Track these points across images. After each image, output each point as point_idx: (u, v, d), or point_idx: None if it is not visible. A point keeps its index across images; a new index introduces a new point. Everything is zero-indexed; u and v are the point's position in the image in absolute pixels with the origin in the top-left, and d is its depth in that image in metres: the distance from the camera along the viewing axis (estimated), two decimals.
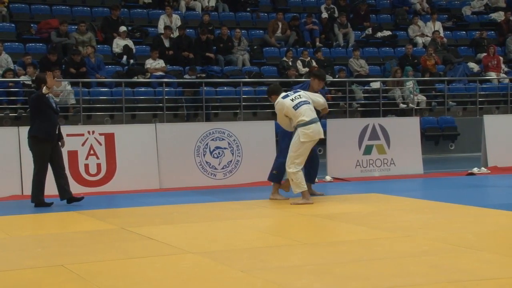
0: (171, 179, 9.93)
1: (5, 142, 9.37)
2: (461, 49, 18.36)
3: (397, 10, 19.15)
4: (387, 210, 7.60)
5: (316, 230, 6.74)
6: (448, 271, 4.73)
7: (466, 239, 5.82)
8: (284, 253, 5.42)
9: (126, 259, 5.34)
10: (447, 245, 5.58)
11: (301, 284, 4.46)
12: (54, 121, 8.10)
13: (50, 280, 4.71)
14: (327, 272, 4.81)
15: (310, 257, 5.29)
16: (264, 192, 8.93)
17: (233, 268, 4.94)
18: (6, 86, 13.25)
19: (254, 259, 5.19)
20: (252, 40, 17.09)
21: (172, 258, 5.34)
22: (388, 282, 4.47)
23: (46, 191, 8.25)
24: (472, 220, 6.88)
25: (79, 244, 6.03)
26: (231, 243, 5.92)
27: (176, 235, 6.34)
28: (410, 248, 5.51)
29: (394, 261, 5.07)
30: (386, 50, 17.86)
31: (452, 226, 6.54)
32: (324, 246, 5.72)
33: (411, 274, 4.70)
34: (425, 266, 4.90)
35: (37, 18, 15.87)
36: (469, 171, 11.23)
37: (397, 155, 11.10)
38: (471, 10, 20.04)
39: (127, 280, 4.70)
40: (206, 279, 4.67)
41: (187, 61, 15.44)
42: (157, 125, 10.55)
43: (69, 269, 4.94)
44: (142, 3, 17.34)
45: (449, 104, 16.23)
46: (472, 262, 5.01)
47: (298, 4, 18.98)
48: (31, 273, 4.91)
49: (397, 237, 5.99)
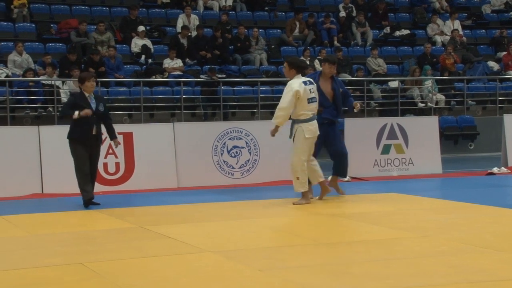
0: (189, 178, 9.95)
1: (26, 141, 9.44)
2: (481, 47, 18.21)
3: (416, 8, 19.02)
4: (406, 210, 7.56)
5: (334, 229, 6.72)
6: (467, 272, 4.69)
7: (485, 239, 5.77)
8: (302, 253, 5.42)
9: (144, 257, 5.37)
10: (466, 245, 5.54)
11: (319, 284, 4.45)
12: (89, 121, 7.83)
13: (69, 278, 4.75)
14: (345, 272, 4.80)
15: (328, 257, 5.28)
16: (281, 191, 8.93)
17: (250, 267, 4.94)
18: (26, 86, 13.36)
19: (272, 259, 5.18)
20: (269, 39, 17.08)
21: (189, 257, 5.36)
22: (407, 282, 4.45)
23: (68, 189, 8.27)
24: (492, 220, 6.82)
25: (98, 242, 6.07)
26: (248, 242, 5.92)
27: (194, 234, 6.36)
28: (428, 248, 5.48)
29: (412, 261, 5.05)
30: (404, 49, 17.75)
31: (471, 226, 6.49)
32: (342, 246, 5.70)
33: (429, 274, 4.68)
34: (444, 266, 4.87)
35: (57, 18, 16.00)
36: (488, 171, 11.14)
37: (415, 155, 11.04)
38: (491, 8, 19.85)
39: (145, 278, 4.72)
40: (223, 278, 4.68)
41: (204, 61, 15.48)
42: (175, 124, 10.58)
43: (88, 267, 4.98)
44: (160, 3, 17.40)
45: (469, 103, 16.10)
46: (491, 262, 4.97)
47: (316, 3, 18.94)
48: (51, 271, 4.95)
49: (416, 237, 5.96)
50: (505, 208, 7.48)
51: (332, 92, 8.39)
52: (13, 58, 13.90)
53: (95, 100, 7.99)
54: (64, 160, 8.66)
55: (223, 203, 8.34)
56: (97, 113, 7.92)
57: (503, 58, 17.18)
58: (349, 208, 7.81)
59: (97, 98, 8.07)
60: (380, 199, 8.29)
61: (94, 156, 8.00)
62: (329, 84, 8.39)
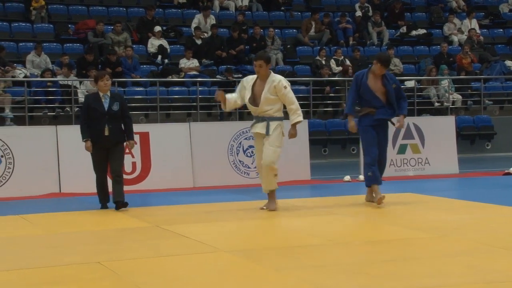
0: (205, 177, 9.97)
1: (44, 141, 9.52)
2: (498, 47, 18.07)
3: (432, 8, 18.92)
4: (422, 210, 7.52)
5: (350, 229, 6.70)
6: (484, 272, 4.66)
7: (502, 239, 5.73)
8: (318, 252, 5.41)
9: (160, 256, 5.39)
10: (482, 245, 5.50)
11: (334, 283, 4.44)
12: (100, 122, 7.68)
13: (87, 276, 4.78)
14: (361, 271, 4.78)
15: (344, 257, 5.27)
16: (296, 191, 8.93)
17: (266, 266, 4.94)
18: (44, 86, 13.47)
19: (288, 258, 5.19)
20: (285, 39, 17.08)
21: (205, 256, 5.37)
22: (423, 282, 4.43)
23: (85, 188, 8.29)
24: (508, 221, 6.77)
25: (115, 241, 6.10)
26: (264, 242, 5.93)
27: (210, 233, 6.37)
28: (445, 248, 5.45)
29: (429, 261, 5.02)
30: (421, 48, 17.66)
31: (488, 226, 6.45)
32: (358, 246, 5.69)
33: (446, 274, 4.65)
34: (461, 267, 4.84)
35: (75, 18, 16.10)
36: (506, 171, 11.06)
37: (432, 155, 10.99)
38: (508, 7, 19.71)
39: (161, 277, 4.74)
40: (239, 277, 4.69)
41: (220, 61, 15.51)
42: (191, 124, 10.61)
43: (105, 266, 5.00)
44: (176, 3, 17.46)
45: (486, 103, 15.99)
46: (508, 263, 4.93)
47: (332, 3, 18.90)
48: (69, 269, 4.99)
49: (432, 237, 5.93)
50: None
51: (384, 88, 7.67)
52: (32, 59, 14.02)
53: (110, 100, 7.78)
54: (81, 159, 8.72)
55: (238, 203, 8.35)
56: (110, 112, 7.72)
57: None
58: (365, 207, 7.78)
59: (113, 97, 7.86)
60: (396, 199, 8.25)
61: (113, 157, 7.78)
62: (379, 81, 7.69)
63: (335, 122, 14.69)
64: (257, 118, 7.50)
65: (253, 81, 7.52)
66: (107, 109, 7.73)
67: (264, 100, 7.37)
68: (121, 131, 7.87)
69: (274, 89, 7.34)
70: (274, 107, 7.40)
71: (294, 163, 10.31)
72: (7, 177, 9.27)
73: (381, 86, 7.67)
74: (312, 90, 14.75)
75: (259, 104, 7.41)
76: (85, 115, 7.85)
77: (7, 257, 5.52)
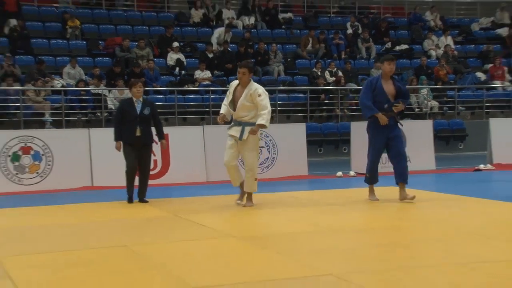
0: (217, 173, 9.94)
1: (78, 141, 9.54)
2: (470, 60, 18.00)
3: (413, 26, 18.86)
4: (405, 202, 7.50)
5: (343, 218, 6.68)
6: (458, 255, 4.65)
7: (474, 227, 5.71)
8: (315, 238, 5.40)
9: (178, 241, 5.39)
10: (457, 232, 5.48)
11: (329, 266, 4.44)
12: (135, 125, 7.57)
13: (114, 258, 4.78)
14: (351, 254, 4.78)
15: (337, 242, 5.26)
16: (296, 185, 8.91)
17: (269, 250, 4.93)
18: (78, 94, 13.49)
19: (288, 243, 5.17)
20: (286, 53, 17.04)
21: (217, 241, 5.36)
22: (407, 263, 4.42)
23: (114, 182, 8.26)
24: (479, 211, 6.74)
25: (139, 228, 6.10)
26: (268, 229, 5.92)
27: (220, 221, 6.37)
28: (424, 235, 5.44)
29: (411, 246, 5.01)
30: (403, 61, 17.59)
31: (461, 215, 6.43)
32: (350, 233, 5.67)
33: (426, 257, 4.64)
34: (438, 251, 4.83)
35: (104, 36, 16.11)
36: (476, 168, 11.03)
37: (412, 153, 10.94)
38: (479, 26, 19.64)
39: (178, 258, 4.74)
40: (246, 260, 4.68)
41: (230, 72, 15.50)
42: (204, 127, 10.60)
43: (130, 249, 5.01)
44: (192, 23, 17.44)
45: (459, 109, 15.93)
46: (479, 247, 4.92)
47: (326, 22, 18.86)
48: (98, 251, 4.99)
49: (413, 225, 5.92)
50: (490, 200, 7.40)
51: (395, 91, 7.20)
52: (68, 71, 14.04)
53: (142, 104, 7.71)
54: (110, 157, 8.71)
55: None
56: (141, 116, 7.66)
57: (490, 69, 16.97)
58: (355, 199, 7.75)
59: (145, 102, 7.79)
60: (381, 192, 8.23)
61: (143, 158, 7.68)
62: (391, 84, 7.22)
63: (329, 125, 14.66)
64: (235, 121, 7.14)
65: (235, 86, 7.17)
66: (139, 113, 7.66)
67: (240, 105, 7.00)
68: (150, 133, 7.79)
69: (250, 96, 6.96)
70: (250, 114, 6.98)
71: (294, 160, 10.31)
72: (47, 172, 9.28)
73: (393, 90, 7.21)
74: (309, 98, 14.73)
75: (236, 109, 7.06)
76: (118, 118, 7.77)
77: (47, 241, 5.53)
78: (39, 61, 13.68)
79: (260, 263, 4.55)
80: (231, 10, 17.77)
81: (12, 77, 12.97)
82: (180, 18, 17.41)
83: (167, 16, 17.56)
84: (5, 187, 9.00)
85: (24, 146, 9.23)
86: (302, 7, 19.28)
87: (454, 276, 4.09)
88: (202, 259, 4.72)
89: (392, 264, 4.42)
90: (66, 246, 5.25)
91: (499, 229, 5.65)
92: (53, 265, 4.60)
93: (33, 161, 9.25)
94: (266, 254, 4.84)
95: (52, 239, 5.65)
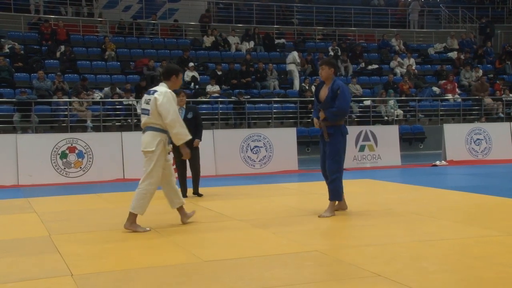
0: (224, 168, 9.96)
1: (113, 142, 9.54)
2: (427, 77, 17.98)
3: (382, 50, 18.86)
4: (375, 191, 7.48)
5: (325, 204, 6.66)
6: (419, 233, 4.63)
7: (431, 211, 5.69)
8: (303, 221, 5.38)
9: (192, 223, 5.37)
10: (417, 215, 5.46)
11: (314, 242, 4.42)
12: None
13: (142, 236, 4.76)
14: (332, 233, 4.76)
15: (321, 224, 5.24)
16: (289, 178, 8.88)
17: (266, 230, 4.92)
18: (113, 104, 13.50)
19: (282, 225, 5.16)
20: (280, 71, 17.02)
21: (224, 223, 5.35)
22: (377, 241, 4.40)
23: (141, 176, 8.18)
24: (435, 198, 6.72)
25: (161, 212, 6.08)
26: (266, 214, 5.90)
27: (227, 207, 6.35)
28: (391, 218, 5.41)
29: (380, 226, 4.99)
30: (374, 78, 17.58)
31: (421, 201, 6.41)
32: (331, 217, 5.65)
33: (392, 235, 4.62)
34: (402, 230, 4.81)
35: (134, 58, 16.09)
36: (433, 163, 11.01)
37: (382, 152, 10.95)
38: (434, 50, 19.72)
39: (192, 237, 4.73)
40: (247, 239, 4.67)
41: (234, 86, 15.48)
42: (214, 131, 10.58)
43: (154, 229, 5.00)
44: (204, 47, 17.45)
45: (419, 116, 15.91)
46: (435, 227, 4.90)
47: (312, 46, 18.84)
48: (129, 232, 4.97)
49: (382, 210, 5.89)
50: (444, 189, 7.38)
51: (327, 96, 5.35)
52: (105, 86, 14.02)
53: (186, 110, 7.40)
54: (139, 155, 8.66)
55: (247, 186, 8.32)
56: (185, 120, 7.03)
57: (443, 85, 16.97)
58: None
59: (188, 108, 7.44)
60: (357, 184, 8.21)
61: (192, 156, 6.79)
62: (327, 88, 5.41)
63: (315, 129, 14.59)
64: None
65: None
66: (184, 117, 7.28)
67: None
68: (195, 136, 7.30)
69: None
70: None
71: (286, 158, 10.30)
72: (89, 167, 9.29)
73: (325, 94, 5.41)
74: (299, 107, 14.72)
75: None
76: None
77: (88, 222, 5.52)
78: (83, 78, 13.70)
79: (258, 241, 4.54)
80: (236, 37, 17.79)
81: (61, 91, 13.07)
82: (195, 43, 17.42)
83: (185, 42, 17.57)
84: (55, 179, 9.04)
85: (70, 146, 9.25)
86: (293, 34, 19.31)
87: (415, 250, 4.07)
88: (211, 238, 4.71)
89: (365, 241, 4.40)
90: (103, 227, 5.24)
91: (451, 213, 5.63)
92: (92, 241, 4.59)
93: (77, 158, 9.25)
94: (263, 233, 4.82)
95: (92, 221, 5.63)
